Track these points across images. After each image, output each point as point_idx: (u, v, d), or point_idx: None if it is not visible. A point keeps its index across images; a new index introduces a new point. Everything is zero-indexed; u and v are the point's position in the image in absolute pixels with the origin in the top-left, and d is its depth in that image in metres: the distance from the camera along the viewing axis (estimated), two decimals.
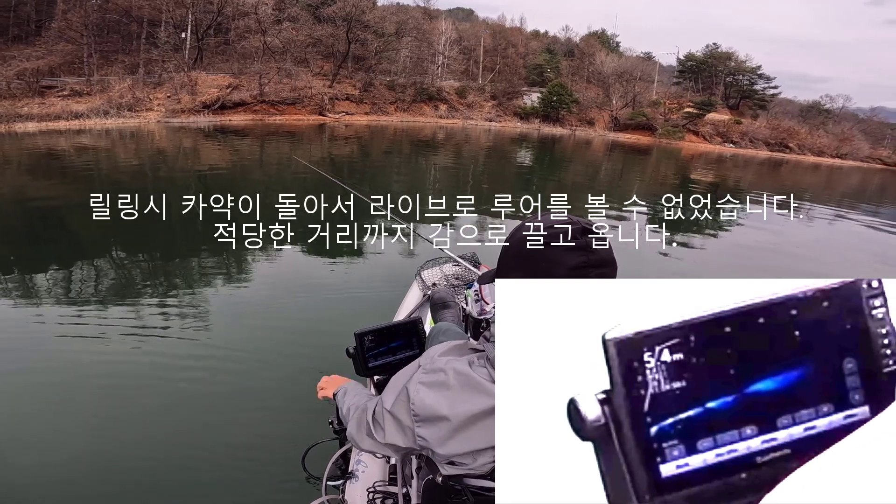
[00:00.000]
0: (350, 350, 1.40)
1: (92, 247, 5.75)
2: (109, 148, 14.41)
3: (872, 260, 7.77)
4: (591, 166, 18.62)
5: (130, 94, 20.75)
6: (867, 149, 38.23)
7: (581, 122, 34.78)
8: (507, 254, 0.83)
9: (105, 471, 2.29)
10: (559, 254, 0.75)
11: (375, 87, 29.78)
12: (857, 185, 22.86)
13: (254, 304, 4.11)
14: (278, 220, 7.37)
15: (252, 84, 24.35)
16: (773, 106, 40.88)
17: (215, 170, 11.68)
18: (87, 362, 3.14)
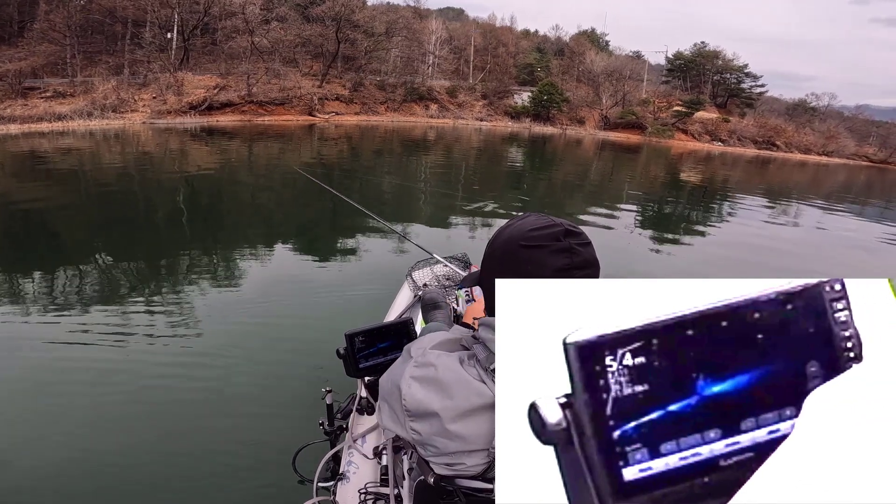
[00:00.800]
0: (340, 351, 1.39)
1: (78, 249, 5.70)
2: (94, 149, 14.21)
3: (857, 258, 7.89)
4: (582, 165, 18.71)
5: (115, 95, 20.48)
6: (853, 146, 38.90)
7: (571, 121, 34.98)
8: (490, 256, 0.83)
9: (94, 475, 2.27)
10: (544, 256, 0.75)
11: (365, 87, 29.68)
12: (844, 183, 23.23)
13: (243, 306, 4.09)
14: (266, 221, 7.42)
15: (240, 84, 24.16)
16: (760, 104, 41.43)
17: (203, 171, 11.56)
18: (72, 367, 3.10)
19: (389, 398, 0.81)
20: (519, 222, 0.81)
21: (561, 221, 0.79)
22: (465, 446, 0.74)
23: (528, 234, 0.77)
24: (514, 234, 0.79)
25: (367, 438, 1.65)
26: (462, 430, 0.74)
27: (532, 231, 0.77)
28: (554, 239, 0.76)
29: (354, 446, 1.62)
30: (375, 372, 1.41)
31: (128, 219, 7.02)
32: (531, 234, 0.77)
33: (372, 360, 1.40)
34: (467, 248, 3.26)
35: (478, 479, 0.79)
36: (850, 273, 6.43)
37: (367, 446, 1.61)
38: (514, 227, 0.80)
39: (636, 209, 10.34)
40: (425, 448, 0.78)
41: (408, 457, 1.12)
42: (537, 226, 0.78)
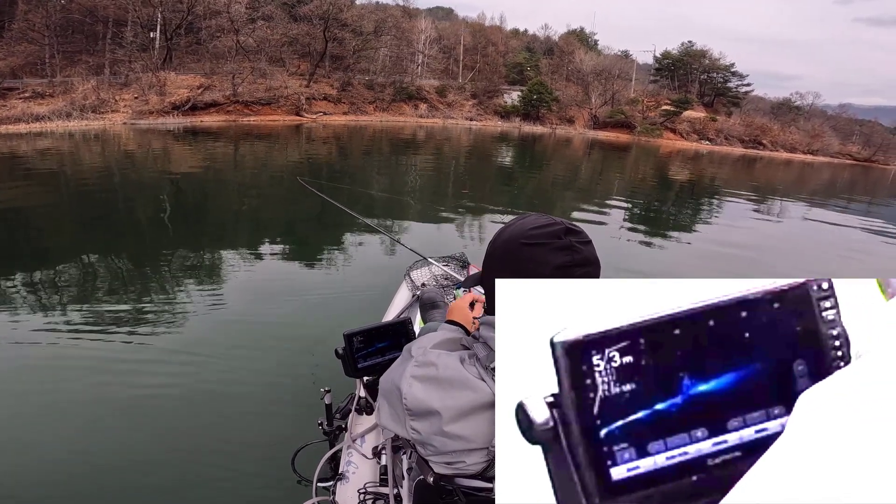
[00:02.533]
0: (339, 351, 1.39)
1: (67, 251, 5.57)
2: (74, 151, 13.92)
3: (838, 256, 7.99)
4: (573, 165, 18.78)
5: (95, 96, 20.01)
6: (837, 144, 39.66)
7: (561, 121, 35.16)
8: (491, 255, 0.84)
9: (93, 476, 2.25)
10: (544, 254, 0.76)
11: (354, 87, 29.51)
12: (828, 181, 23.64)
13: (241, 306, 4.04)
14: (264, 221, 7.34)
15: (225, 84, 23.82)
16: (746, 103, 42.02)
17: (189, 173, 11.38)
18: (65, 366, 3.06)
19: (389, 397, 0.81)
20: (519, 222, 0.81)
21: (561, 220, 0.79)
22: (465, 445, 0.74)
23: (529, 233, 0.78)
24: (515, 233, 0.79)
25: (367, 438, 1.65)
26: (462, 429, 0.74)
27: (533, 229, 0.78)
28: (554, 237, 0.76)
29: (353, 446, 1.62)
30: (374, 372, 1.41)
31: (128, 219, 7.02)
32: (532, 232, 0.78)
33: (370, 360, 1.40)
34: (457, 248, 3.28)
35: (477, 477, 0.79)
36: (828, 270, 6.57)
37: (367, 446, 1.61)
38: (515, 227, 0.81)
39: (626, 207, 10.40)
40: (425, 447, 0.78)
41: (407, 456, 1.12)
42: (538, 224, 0.78)
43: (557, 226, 0.78)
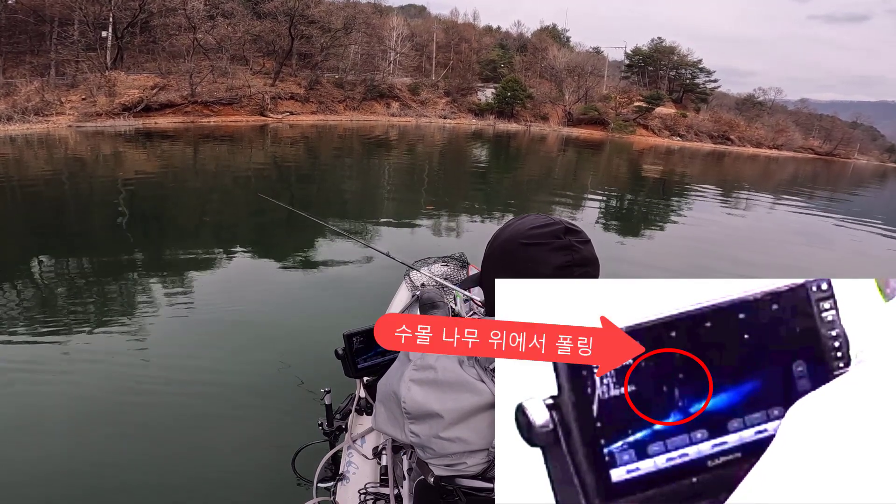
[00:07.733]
0: (339, 351, 1.39)
1: (81, 250, 5.51)
2: (17, 157, 12.87)
3: (805, 246, 8.13)
4: (547, 162, 18.67)
5: (38, 98, 18.69)
6: (800, 139, 40.96)
7: (535, 118, 35.04)
8: (490, 255, 0.84)
9: (93, 477, 2.24)
10: (544, 254, 0.76)
11: (322, 85, 28.59)
12: (792, 175, 24.29)
13: (241, 306, 4.02)
14: (262, 221, 7.08)
15: (182, 84, 22.61)
16: (712, 99, 42.90)
17: (147, 177, 10.52)
18: (70, 367, 3.06)
19: (387, 402, 0.80)
20: (518, 222, 0.81)
21: (560, 220, 0.79)
22: (465, 447, 0.74)
23: (529, 233, 0.78)
24: (515, 233, 0.79)
25: (367, 439, 1.65)
26: (461, 432, 0.73)
27: (532, 229, 0.78)
28: (554, 237, 0.76)
29: (354, 447, 1.63)
30: (374, 372, 1.42)
31: (128, 219, 7.11)
32: (531, 232, 0.78)
33: (370, 361, 1.41)
34: (462, 248, 3.15)
35: (478, 478, 0.78)
36: (793, 262, 6.55)
37: (367, 446, 1.61)
38: (514, 227, 0.81)
39: (600, 204, 10.47)
40: (424, 450, 0.77)
41: (407, 457, 1.15)
42: (537, 224, 0.78)
43: (557, 225, 0.78)
